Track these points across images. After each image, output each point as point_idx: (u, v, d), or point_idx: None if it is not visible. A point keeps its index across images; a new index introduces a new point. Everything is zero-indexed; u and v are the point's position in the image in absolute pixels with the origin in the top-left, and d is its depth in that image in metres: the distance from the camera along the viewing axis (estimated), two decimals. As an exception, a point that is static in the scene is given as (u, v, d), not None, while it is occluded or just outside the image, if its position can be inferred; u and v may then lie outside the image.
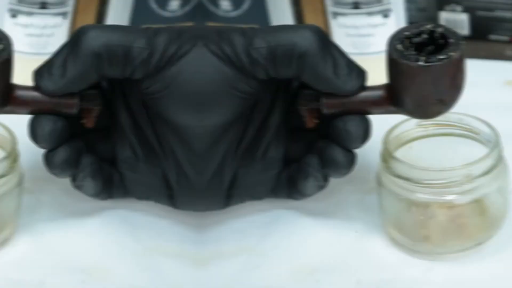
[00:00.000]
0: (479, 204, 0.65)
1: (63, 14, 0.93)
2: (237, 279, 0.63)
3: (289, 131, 0.68)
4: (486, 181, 0.64)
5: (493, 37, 0.99)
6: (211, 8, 0.98)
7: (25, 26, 0.94)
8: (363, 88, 0.64)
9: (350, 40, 0.92)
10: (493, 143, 0.65)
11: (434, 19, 1.01)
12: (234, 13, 0.97)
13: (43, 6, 0.93)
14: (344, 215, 0.69)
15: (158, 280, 0.63)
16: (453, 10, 0.98)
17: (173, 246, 0.66)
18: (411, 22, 0.99)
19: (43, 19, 0.94)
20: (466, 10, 0.98)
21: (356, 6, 0.91)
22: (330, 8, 0.93)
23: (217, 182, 0.65)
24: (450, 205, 0.64)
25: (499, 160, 0.65)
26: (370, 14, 0.92)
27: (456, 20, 0.98)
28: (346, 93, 0.63)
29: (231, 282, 0.63)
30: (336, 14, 0.93)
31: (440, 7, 0.99)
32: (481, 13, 0.97)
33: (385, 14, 0.92)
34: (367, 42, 0.93)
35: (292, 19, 0.97)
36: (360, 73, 0.64)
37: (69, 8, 0.93)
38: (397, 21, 0.93)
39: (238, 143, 0.65)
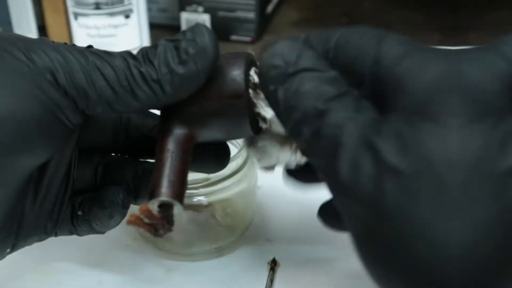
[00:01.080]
0: (223, 206, 0.63)
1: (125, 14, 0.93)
2: None
3: None
4: (232, 182, 0.62)
5: (234, 37, 1.00)
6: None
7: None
8: None
9: (91, 40, 0.91)
10: (242, 142, 0.62)
11: (176, 20, 1.02)
12: (-26, 14, 0.94)
13: (97, 7, 0.91)
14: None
15: None
16: (195, 11, 0.99)
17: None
18: (152, 22, 1.00)
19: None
20: (207, 10, 0.99)
21: (97, 7, 0.90)
22: (71, 8, 0.92)
23: None
24: (194, 207, 0.62)
25: (247, 159, 0.63)
26: (111, 14, 0.91)
27: (198, 20, 0.99)
28: None
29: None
30: (77, 15, 0.92)
31: (182, 8, 1.00)
32: (222, 13, 0.99)
33: (127, 14, 0.92)
34: (108, 43, 0.92)
35: (33, 19, 0.95)
36: None
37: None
38: (138, 21, 0.93)
39: None
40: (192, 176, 0.57)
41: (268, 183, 0.67)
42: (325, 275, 0.60)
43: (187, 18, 0.99)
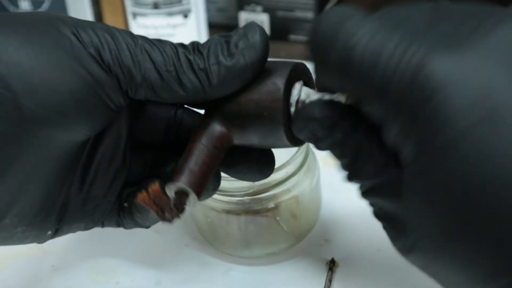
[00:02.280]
0: (278, 212, 0.61)
1: (183, 13, 0.93)
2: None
3: None
4: (282, 190, 0.60)
5: (293, 37, 1.00)
6: (11, 8, 0.96)
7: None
8: None
9: (149, 40, 0.91)
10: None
11: (234, 19, 1.02)
12: (34, 14, 0.95)
13: (156, 6, 0.92)
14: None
15: None
16: (253, 10, 0.99)
17: None
18: (211, 22, 1.00)
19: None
20: (266, 10, 0.99)
21: (156, 6, 0.90)
22: (130, 8, 0.92)
23: None
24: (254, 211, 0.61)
25: (301, 167, 0.61)
26: (170, 14, 0.91)
27: (256, 20, 0.99)
28: None
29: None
30: (135, 15, 0.92)
31: (240, 7, 0.99)
32: (281, 13, 0.98)
33: (185, 14, 0.92)
34: (167, 43, 0.92)
35: (92, 19, 0.96)
36: None
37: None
38: (197, 21, 0.93)
39: None
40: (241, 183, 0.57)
41: (325, 182, 0.66)
42: (384, 275, 0.59)
43: (245, 18, 0.99)
